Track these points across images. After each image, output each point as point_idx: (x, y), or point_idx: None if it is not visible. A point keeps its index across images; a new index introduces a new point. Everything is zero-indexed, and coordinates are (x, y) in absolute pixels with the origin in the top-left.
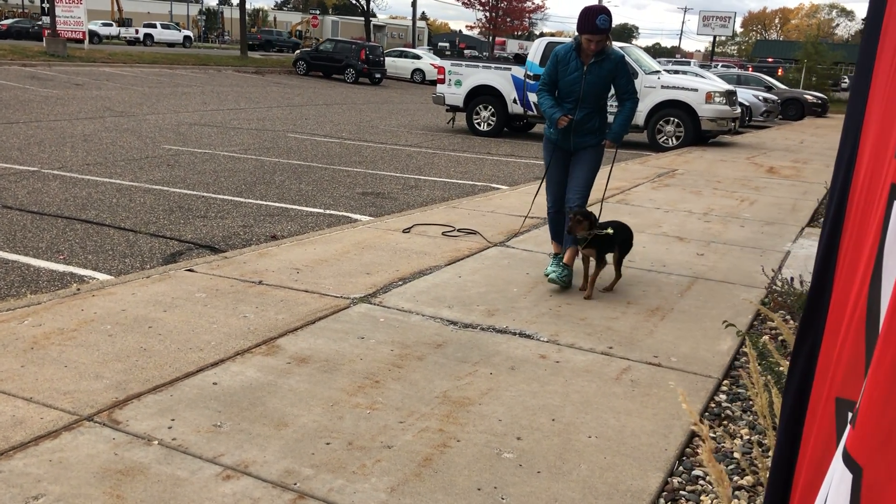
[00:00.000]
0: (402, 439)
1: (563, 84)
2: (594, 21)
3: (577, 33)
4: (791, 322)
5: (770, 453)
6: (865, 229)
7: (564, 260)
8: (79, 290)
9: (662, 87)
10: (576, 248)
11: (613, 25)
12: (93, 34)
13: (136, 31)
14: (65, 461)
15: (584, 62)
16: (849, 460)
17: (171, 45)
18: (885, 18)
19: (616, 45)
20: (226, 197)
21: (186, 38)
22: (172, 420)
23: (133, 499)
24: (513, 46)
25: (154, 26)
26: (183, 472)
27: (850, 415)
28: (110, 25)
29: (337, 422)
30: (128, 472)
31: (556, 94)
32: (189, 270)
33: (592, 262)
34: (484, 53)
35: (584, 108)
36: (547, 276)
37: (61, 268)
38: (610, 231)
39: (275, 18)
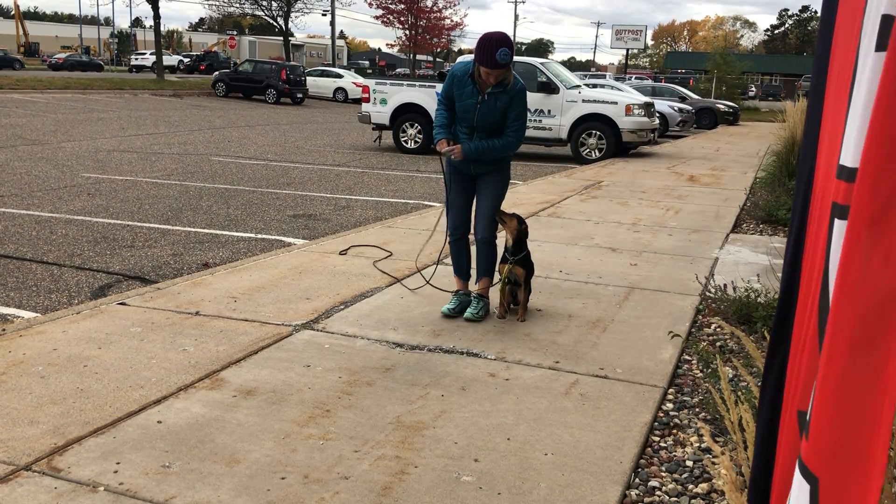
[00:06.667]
0: (359, 469)
1: (458, 108)
2: (494, 55)
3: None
4: (726, 328)
5: (716, 460)
6: (817, 245)
7: (479, 290)
8: (4, 330)
9: (583, 100)
10: (505, 265)
11: (529, 41)
12: None
13: None
14: None
15: (482, 90)
16: (805, 471)
17: None
18: (833, 42)
19: (537, 60)
20: (152, 225)
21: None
22: (118, 463)
23: None
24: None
25: None
26: None
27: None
28: None
29: (290, 455)
30: None
31: (455, 114)
32: (121, 304)
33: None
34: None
35: (480, 135)
36: (447, 314)
37: None
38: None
39: (190, 40)
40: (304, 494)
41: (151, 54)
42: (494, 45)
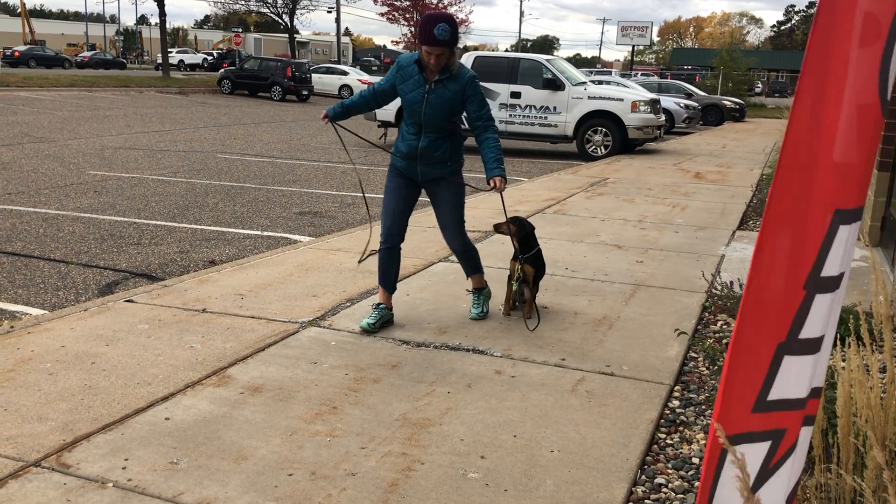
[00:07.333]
0: (366, 465)
1: (405, 102)
2: (432, 31)
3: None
4: (732, 325)
5: None
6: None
7: (475, 286)
8: (12, 327)
9: (589, 97)
10: (515, 262)
11: (535, 38)
12: None
13: None
14: None
15: (428, 79)
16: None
17: None
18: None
19: (542, 57)
20: (158, 222)
21: None
22: (126, 460)
23: None
24: None
25: None
26: None
27: None
28: None
29: (297, 451)
30: None
31: (373, 104)
32: (128, 301)
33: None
34: None
35: (429, 134)
36: (365, 328)
37: None
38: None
39: (195, 37)
40: (312, 490)
41: (178, 52)
42: (434, 21)
